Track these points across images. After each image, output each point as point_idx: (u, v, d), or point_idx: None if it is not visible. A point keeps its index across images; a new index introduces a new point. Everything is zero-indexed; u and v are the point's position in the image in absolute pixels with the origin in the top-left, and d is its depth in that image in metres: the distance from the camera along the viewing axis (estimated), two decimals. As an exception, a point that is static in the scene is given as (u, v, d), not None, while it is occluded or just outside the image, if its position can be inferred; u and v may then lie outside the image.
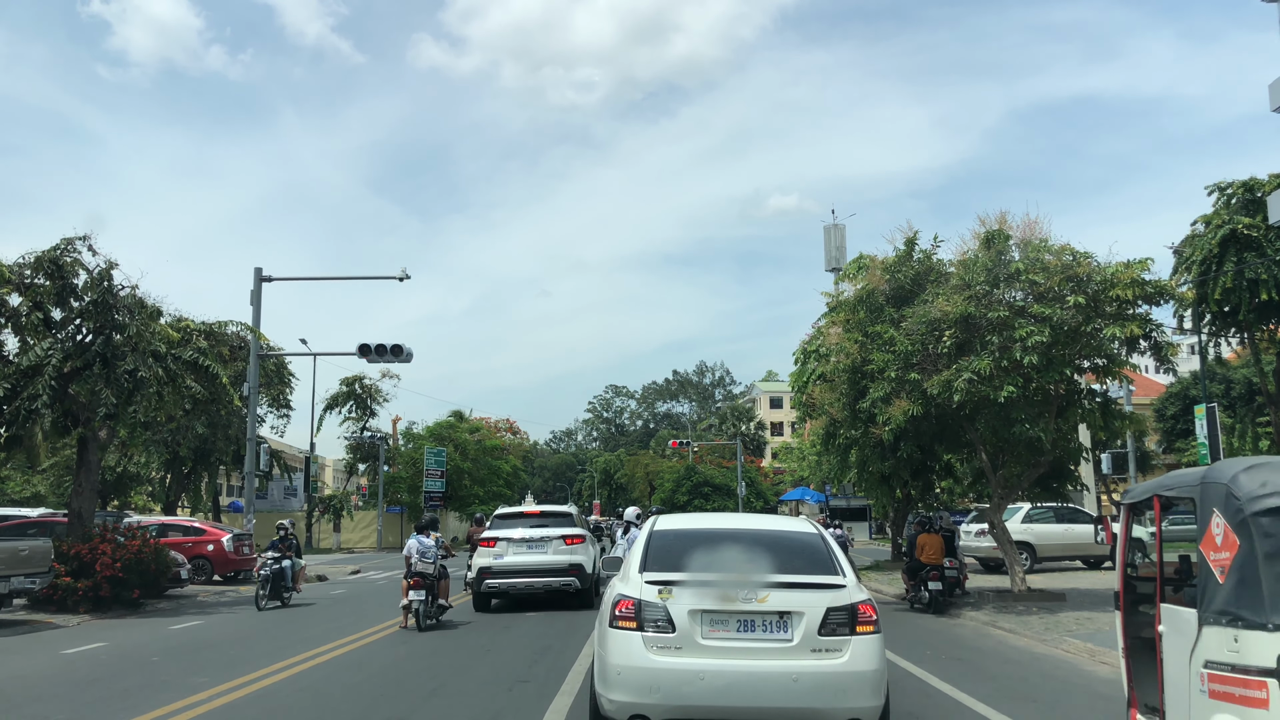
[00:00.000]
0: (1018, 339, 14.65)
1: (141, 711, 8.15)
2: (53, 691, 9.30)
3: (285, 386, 44.28)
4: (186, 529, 24.73)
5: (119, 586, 16.89)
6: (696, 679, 5.87)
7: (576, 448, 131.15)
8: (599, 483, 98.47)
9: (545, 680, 9.44)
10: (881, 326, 16.66)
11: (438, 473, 51.43)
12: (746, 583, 6.07)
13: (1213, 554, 5.05)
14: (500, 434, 72.77)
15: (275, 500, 53.15)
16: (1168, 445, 48.89)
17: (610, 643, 6.15)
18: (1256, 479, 4.96)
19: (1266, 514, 4.74)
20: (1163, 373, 18.34)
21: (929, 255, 17.81)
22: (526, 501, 70.20)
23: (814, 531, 7.10)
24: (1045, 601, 16.29)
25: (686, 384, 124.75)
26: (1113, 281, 14.84)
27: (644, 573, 6.33)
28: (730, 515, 9.31)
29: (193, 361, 18.45)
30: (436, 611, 14.36)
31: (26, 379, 16.68)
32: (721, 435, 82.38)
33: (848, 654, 5.94)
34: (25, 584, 15.26)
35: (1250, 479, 4.99)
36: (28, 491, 37.60)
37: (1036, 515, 24.88)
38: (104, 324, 17.38)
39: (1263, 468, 5.07)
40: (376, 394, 54.38)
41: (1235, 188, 29.80)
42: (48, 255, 17.22)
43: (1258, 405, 41.19)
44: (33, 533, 18.23)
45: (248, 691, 9.05)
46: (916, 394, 15.68)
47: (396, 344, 26.67)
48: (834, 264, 52.49)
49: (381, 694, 8.92)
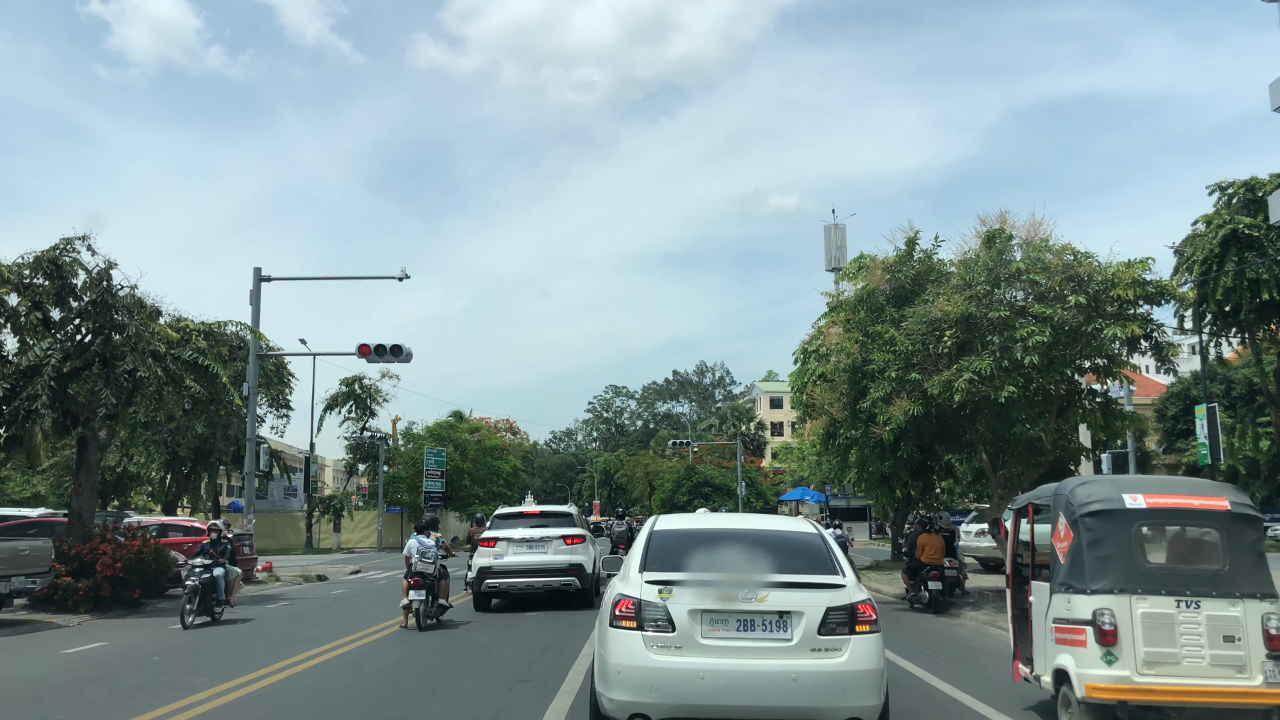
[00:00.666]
0: (1018, 339, 14.65)
1: (141, 711, 8.15)
2: (53, 691, 9.30)
3: (285, 386, 44.25)
4: (187, 529, 24.67)
5: (119, 586, 16.88)
6: (696, 678, 5.86)
7: (576, 448, 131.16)
8: (599, 483, 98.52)
9: (545, 680, 9.44)
10: (882, 326, 16.67)
11: (438, 473, 51.44)
12: (746, 582, 6.07)
13: (1058, 544, 7.25)
14: (500, 434, 72.80)
15: (275, 500, 53.16)
16: (1168, 445, 48.86)
17: (610, 642, 6.15)
18: (1085, 491, 7.18)
19: (1088, 515, 6.98)
20: (1163, 373, 18.33)
21: (929, 255, 17.82)
22: (526, 502, 70.29)
23: (814, 531, 7.11)
24: (1046, 601, 16.21)
25: (686, 384, 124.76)
26: (1113, 281, 14.84)
27: (644, 572, 6.33)
28: (730, 515, 9.30)
29: (192, 361, 18.44)
30: (437, 611, 14.35)
31: (26, 379, 16.67)
32: (721, 435, 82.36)
33: (847, 653, 5.94)
34: (26, 584, 15.25)
35: (1082, 491, 7.20)
36: (28, 491, 37.60)
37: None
38: (103, 324, 17.36)
39: (1092, 484, 7.36)
40: (376, 394, 54.41)
41: (1236, 187, 29.81)
42: (47, 255, 17.21)
43: (1258, 405, 41.15)
44: (33, 533, 18.21)
45: (248, 691, 9.05)
46: (917, 394, 15.68)
47: (396, 344, 26.66)
48: (834, 264, 52.53)
49: (381, 694, 8.92)
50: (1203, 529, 7.15)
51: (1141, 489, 7.20)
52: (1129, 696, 6.52)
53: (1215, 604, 6.60)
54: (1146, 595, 6.69)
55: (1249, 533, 6.92)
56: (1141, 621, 6.62)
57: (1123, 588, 6.71)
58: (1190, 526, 7.27)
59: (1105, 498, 7.05)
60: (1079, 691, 6.67)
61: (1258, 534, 7.01)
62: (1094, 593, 6.75)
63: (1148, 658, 6.56)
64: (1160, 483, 7.97)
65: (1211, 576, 6.76)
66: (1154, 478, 9.87)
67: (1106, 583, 6.76)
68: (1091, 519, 6.97)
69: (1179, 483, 8.12)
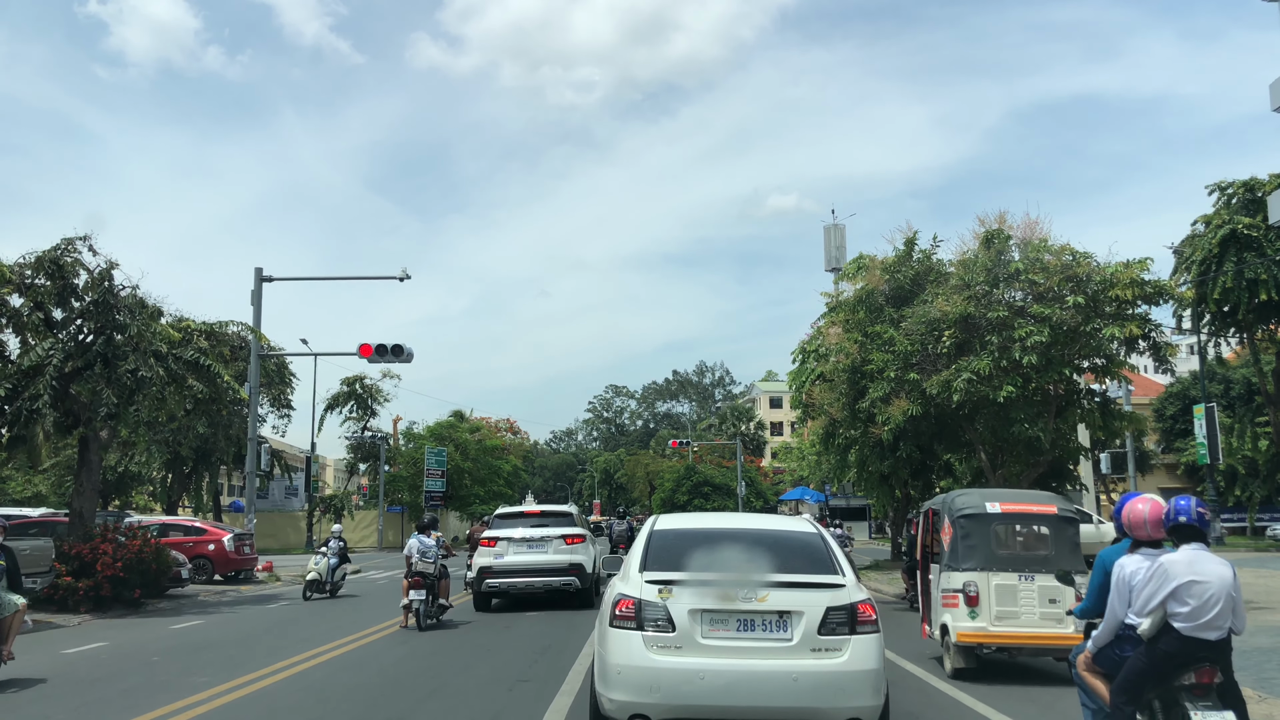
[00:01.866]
0: (1017, 339, 14.68)
1: (142, 711, 8.17)
2: (53, 691, 9.32)
3: (286, 386, 44.33)
4: (187, 529, 24.75)
5: (120, 586, 16.90)
6: (696, 678, 5.88)
7: (576, 448, 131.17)
8: (599, 483, 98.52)
9: (545, 680, 9.45)
10: (881, 326, 16.70)
11: (438, 472, 51.44)
12: (746, 582, 6.08)
13: (944, 537, 10.16)
14: (500, 434, 72.78)
15: (276, 500, 53.15)
16: (1167, 445, 48.86)
17: (610, 642, 6.16)
18: (961, 501, 10.11)
19: (961, 517, 9.90)
20: (1161, 373, 18.37)
21: (928, 255, 17.86)
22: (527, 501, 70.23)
23: (814, 531, 7.12)
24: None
25: (686, 384, 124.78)
26: (1112, 281, 14.87)
27: (644, 572, 6.34)
28: (730, 515, 9.36)
29: (194, 361, 18.47)
30: (437, 611, 14.37)
31: (28, 379, 16.69)
32: (721, 435, 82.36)
33: (847, 653, 5.95)
34: (26, 584, 15.22)
35: (959, 500, 10.15)
36: (29, 491, 37.60)
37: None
38: (105, 324, 17.39)
39: (965, 495, 10.36)
40: (377, 394, 54.39)
41: (1235, 188, 29.82)
42: (48, 255, 17.23)
43: (1257, 405, 41.16)
44: (34, 532, 18.25)
45: (248, 691, 9.06)
46: (916, 394, 15.71)
47: (397, 344, 26.69)
48: (834, 264, 52.56)
49: (381, 694, 8.94)
50: (1038, 527, 10.26)
51: (999, 499, 10.03)
52: (986, 640, 9.54)
53: (1044, 578, 9.42)
54: (999, 572, 9.65)
55: (1069, 529, 9.89)
56: (995, 590, 9.57)
57: (983, 567, 9.67)
58: (1029, 525, 10.41)
59: (973, 505, 9.92)
60: (953, 638, 9.56)
61: (1075, 530, 9.96)
62: (964, 570, 9.70)
63: (999, 614, 9.51)
64: (1012, 494, 11.15)
65: (1042, 559, 9.78)
66: (1008, 490, 13.51)
67: (972, 564, 9.71)
68: (964, 519, 9.88)
69: (1024, 494, 11.45)
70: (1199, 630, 5.06)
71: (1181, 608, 5.06)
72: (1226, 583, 5.12)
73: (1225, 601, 5.10)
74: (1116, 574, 5.43)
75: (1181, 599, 5.07)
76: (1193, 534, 5.26)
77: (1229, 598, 5.13)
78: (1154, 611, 5.13)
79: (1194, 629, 5.06)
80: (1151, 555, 5.39)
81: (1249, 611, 12.97)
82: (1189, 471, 47.60)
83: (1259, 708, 8.19)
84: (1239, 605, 5.21)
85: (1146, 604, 5.17)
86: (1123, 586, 5.38)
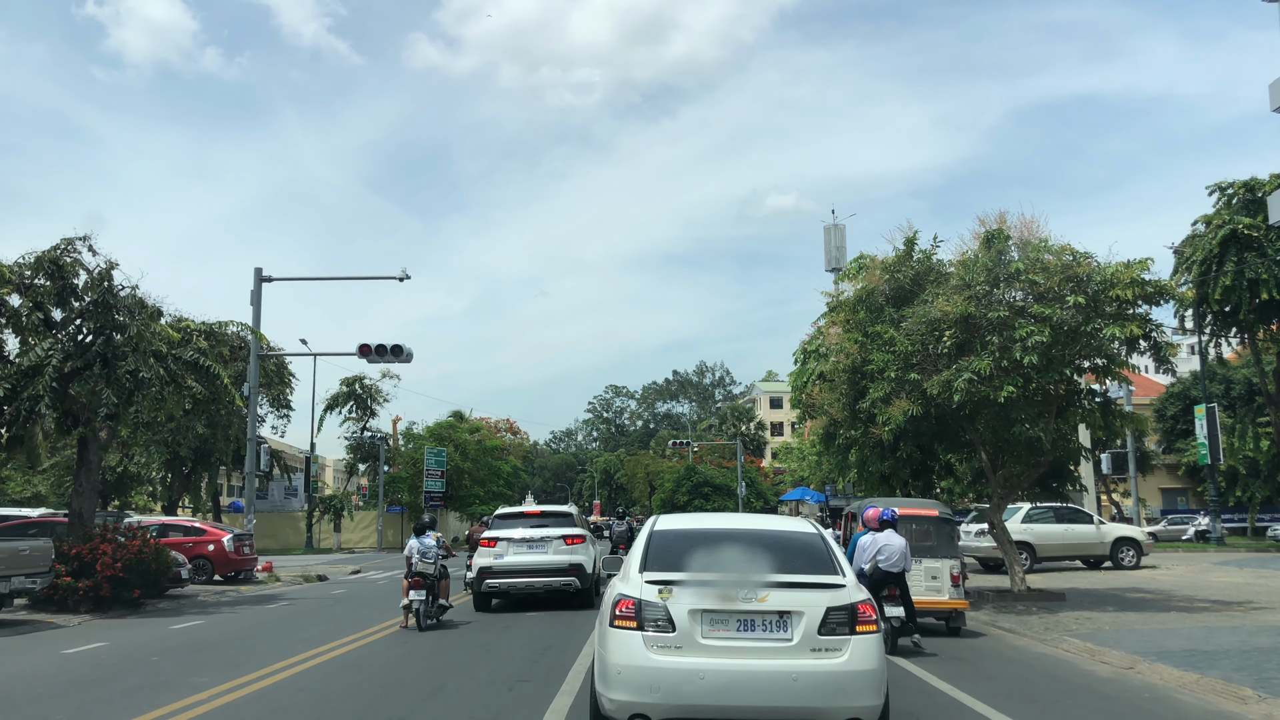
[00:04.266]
0: (1018, 339, 14.65)
1: (142, 711, 8.16)
2: (53, 691, 9.30)
3: (285, 387, 44.34)
4: (187, 529, 24.74)
5: (119, 586, 16.89)
6: (696, 678, 5.87)
7: (576, 448, 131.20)
8: (599, 483, 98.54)
9: (545, 680, 9.44)
10: (881, 326, 16.67)
11: (438, 473, 51.44)
12: (746, 582, 6.07)
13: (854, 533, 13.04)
14: (500, 434, 72.83)
15: (276, 500, 53.15)
16: (1167, 445, 48.83)
17: (610, 642, 6.15)
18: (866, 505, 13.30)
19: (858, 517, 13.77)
20: (1162, 373, 18.33)
21: (929, 255, 17.81)
22: (527, 501, 70.22)
23: (814, 531, 7.12)
24: (1045, 601, 16.29)
25: (686, 384, 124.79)
26: (1113, 281, 14.83)
27: (644, 572, 6.34)
28: (730, 515, 9.32)
29: (193, 362, 18.46)
30: (437, 611, 14.37)
31: (27, 379, 16.68)
32: (721, 435, 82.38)
33: (847, 653, 5.95)
34: (26, 584, 15.25)
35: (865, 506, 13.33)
36: (28, 491, 37.62)
37: (1036, 515, 24.88)
38: (104, 324, 17.38)
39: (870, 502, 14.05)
40: (376, 394, 54.45)
41: (1236, 188, 29.83)
42: (48, 255, 17.22)
43: (1258, 405, 41.14)
44: (33, 533, 18.23)
45: (248, 691, 9.05)
46: (916, 394, 15.69)
47: (396, 344, 26.68)
48: (834, 264, 52.57)
49: (381, 694, 8.93)
50: (924, 525, 13.45)
51: (897, 506, 12.91)
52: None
53: (929, 561, 13.21)
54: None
55: (946, 527, 13.58)
56: None
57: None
58: (918, 524, 13.39)
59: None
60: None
61: (952, 528, 13.77)
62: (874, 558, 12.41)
63: None
64: (906, 501, 14.59)
65: (928, 548, 13.24)
66: (904, 499, 16.66)
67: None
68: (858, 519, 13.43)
69: (915, 501, 14.90)
70: (890, 568, 11.44)
71: (881, 558, 11.46)
72: (902, 547, 11.54)
73: (900, 555, 11.48)
74: (858, 544, 11.84)
75: (884, 554, 11.47)
76: (890, 524, 11.75)
77: (902, 554, 11.50)
78: (871, 560, 11.46)
79: (888, 567, 11.44)
80: (873, 535, 11.73)
81: (1249, 611, 15.32)
82: (1190, 472, 47.60)
83: (1259, 707, 8.18)
84: (909, 558, 11.62)
85: (871, 556, 11.50)
86: (862, 550, 11.68)
